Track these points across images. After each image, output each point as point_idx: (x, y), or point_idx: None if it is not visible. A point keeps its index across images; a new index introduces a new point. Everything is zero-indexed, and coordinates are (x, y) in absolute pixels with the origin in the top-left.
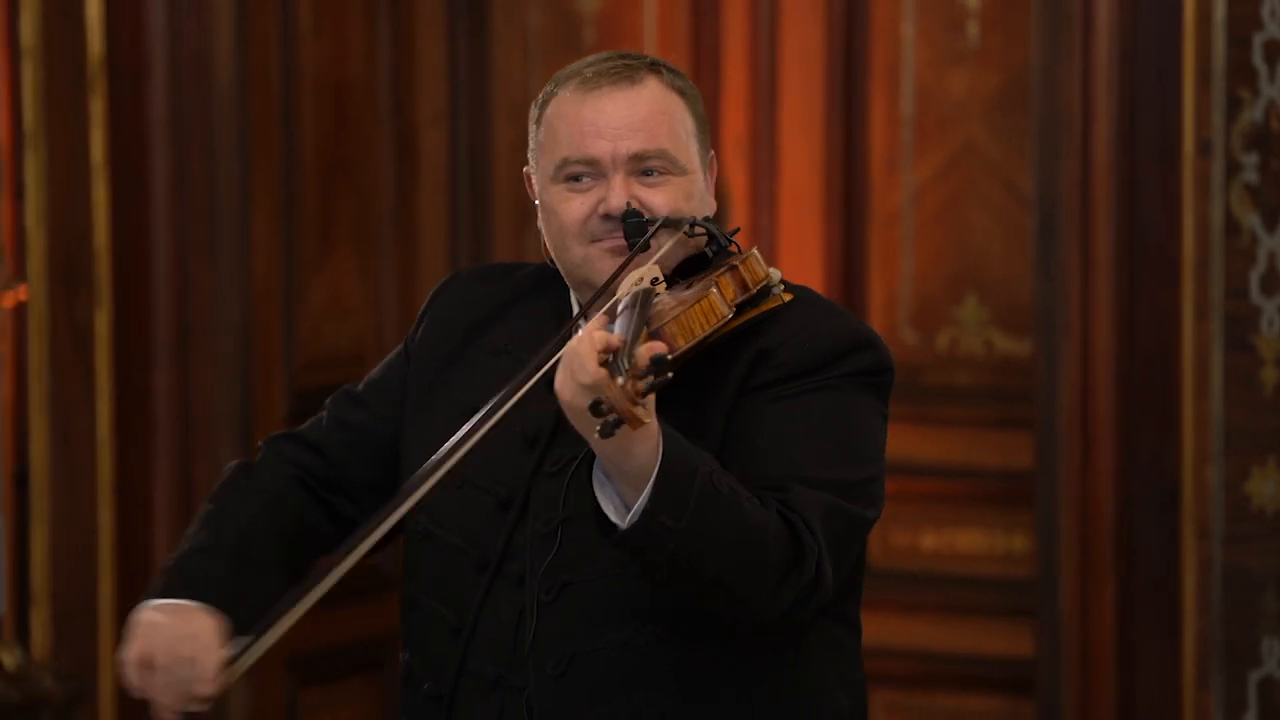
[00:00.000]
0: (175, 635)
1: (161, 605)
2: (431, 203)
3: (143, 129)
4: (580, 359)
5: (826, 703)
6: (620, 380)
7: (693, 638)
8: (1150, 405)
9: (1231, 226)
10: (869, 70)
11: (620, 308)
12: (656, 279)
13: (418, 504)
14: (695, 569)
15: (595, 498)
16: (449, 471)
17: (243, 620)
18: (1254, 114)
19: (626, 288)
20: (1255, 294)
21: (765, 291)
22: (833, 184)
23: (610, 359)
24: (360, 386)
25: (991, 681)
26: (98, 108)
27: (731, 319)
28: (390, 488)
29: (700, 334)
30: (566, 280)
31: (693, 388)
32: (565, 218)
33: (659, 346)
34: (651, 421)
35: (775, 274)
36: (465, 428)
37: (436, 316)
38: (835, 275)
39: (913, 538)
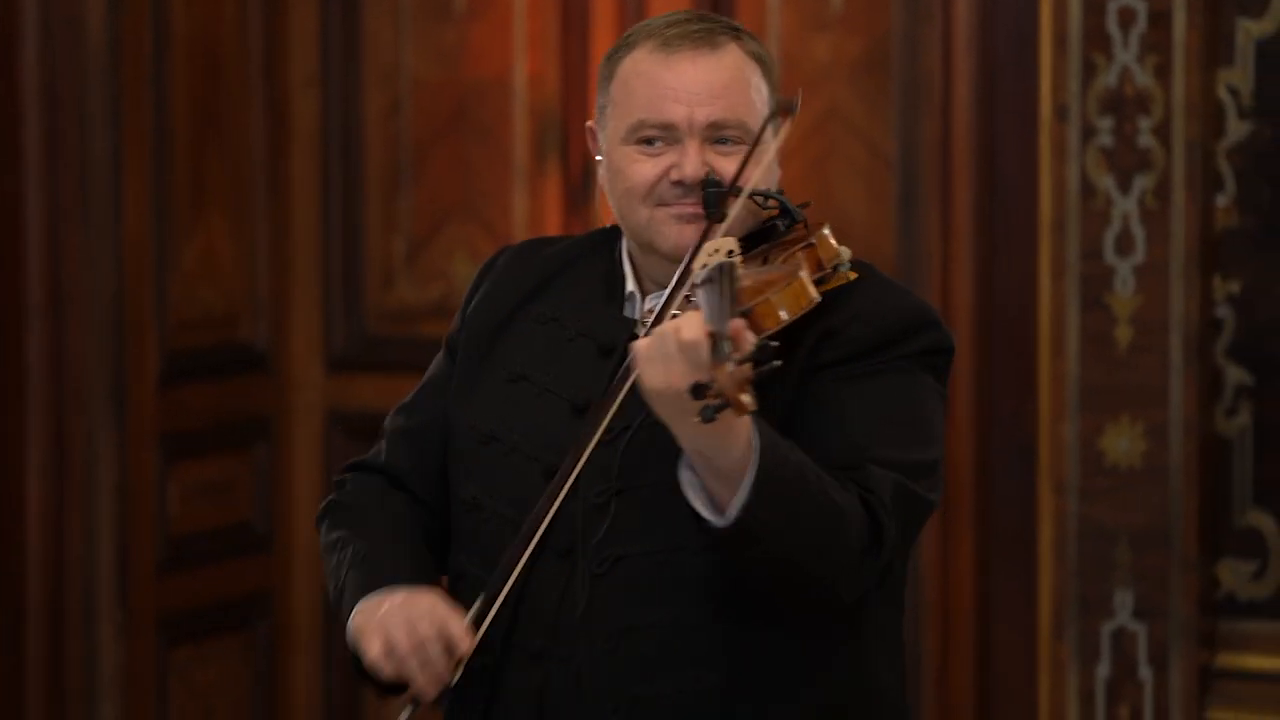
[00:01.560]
0: (409, 617)
1: (372, 599)
2: (303, 166)
3: (14, 93)
4: (685, 341)
5: (871, 681)
6: (728, 366)
7: (745, 615)
8: (1008, 363)
9: (1087, 189)
10: None
11: (701, 282)
12: (732, 251)
13: (470, 476)
14: (788, 558)
15: (690, 502)
16: (493, 442)
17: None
18: (1108, 79)
19: (703, 257)
20: (1110, 255)
21: (835, 270)
22: None
23: (715, 343)
24: (409, 398)
25: None
26: None
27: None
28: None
29: (790, 317)
30: (631, 238)
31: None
32: (634, 179)
33: (752, 333)
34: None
35: (845, 252)
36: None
37: (487, 291)
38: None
39: None
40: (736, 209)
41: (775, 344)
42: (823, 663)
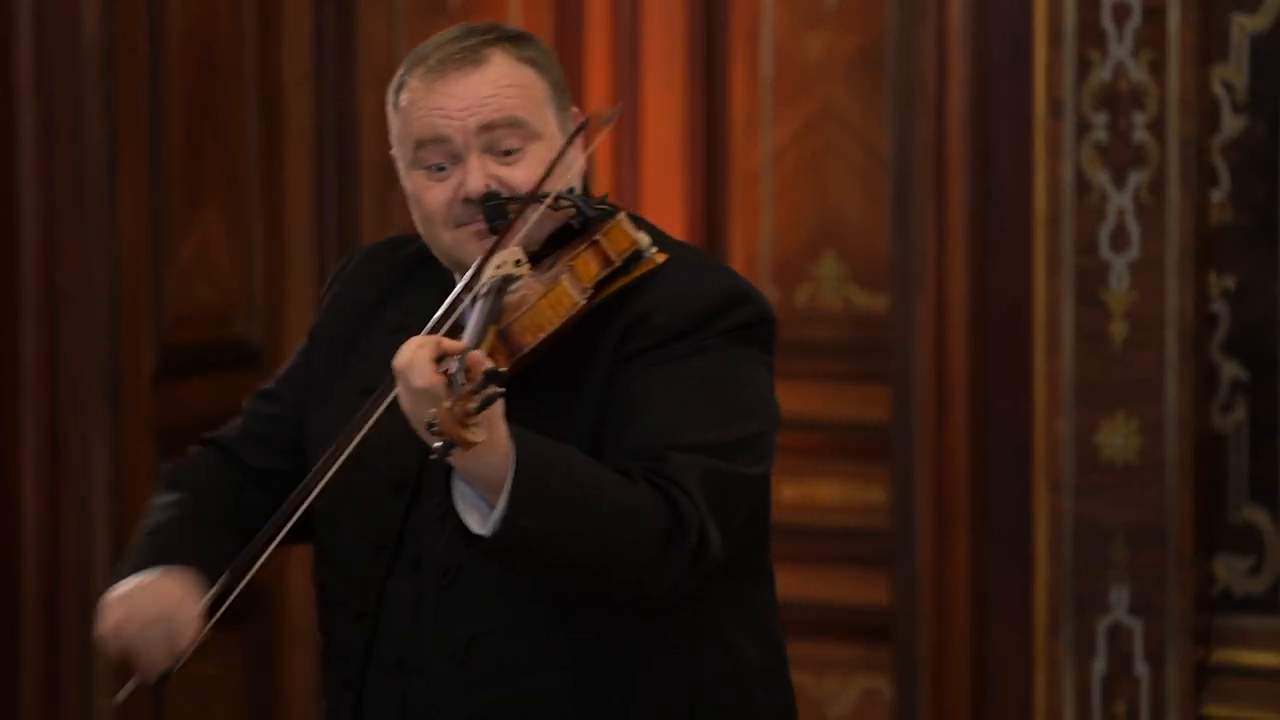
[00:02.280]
0: (145, 597)
1: (132, 578)
2: (298, 162)
3: (9, 89)
4: (413, 381)
5: (732, 656)
6: (449, 402)
7: (587, 615)
8: (1003, 359)
9: (1082, 185)
10: (729, 33)
11: (476, 299)
12: (519, 261)
13: (320, 492)
14: (568, 564)
15: (457, 510)
16: (340, 465)
17: (212, 572)
18: (1103, 74)
19: (489, 270)
20: (1105, 250)
21: (636, 257)
22: (694, 144)
23: (449, 370)
24: (273, 382)
25: (849, 630)
26: None
27: (594, 297)
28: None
29: (551, 327)
30: (443, 261)
31: (565, 363)
32: (428, 206)
33: (484, 359)
34: (490, 432)
35: (644, 239)
36: (348, 431)
37: (336, 299)
38: (697, 233)
39: (772, 489)
40: (533, 216)
41: (502, 370)
42: (673, 648)
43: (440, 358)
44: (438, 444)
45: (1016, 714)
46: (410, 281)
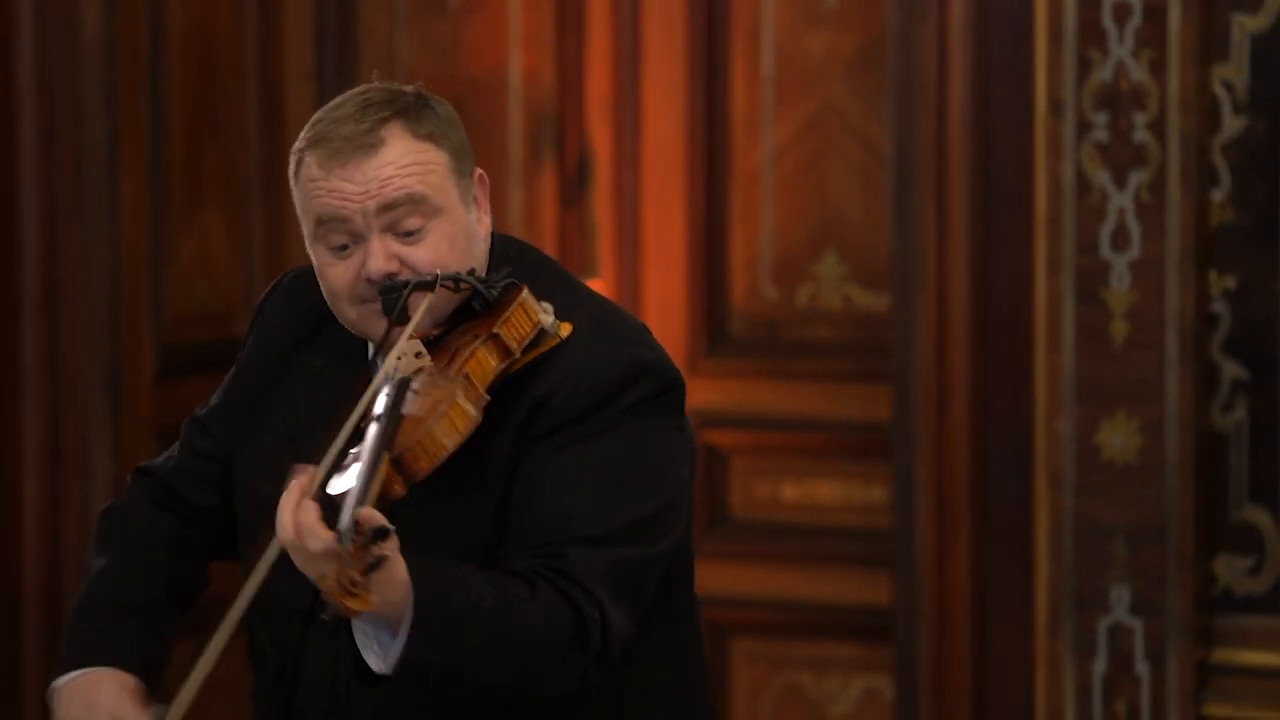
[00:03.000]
0: (86, 709)
1: (68, 681)
2: None
3: (10, 87)
4: (307, 538)
5: (659, 705)
6: (333, 572)
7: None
8: (1004, 358)
9: (1082, 184)
10: (730, 31)
11: (374, 418)
12: (419, 352)
13: (249, 539)
14: (471, 685)
15: (357, 648)
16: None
17: (151, 669)
18: (1104, 74)
19: (390, 361)
20: (1105, 250)
21: (540, 336)
22: (695, 143)
23: (339, 527)
24: (207, 411)
25: (850, 629)
26: None
27: (492, 394)
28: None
29: (446, 452)
30: (348, 328)
31: (470, 451)
32: (332, 283)
33: (372, 516)
34: (389, 573)
35: (547, 317)
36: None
37: (260, 335)
38: (697, 233)
39: (773, 489)
40: (425, 305)
41: (388, 527)
42: (604, 703)
43: (326, 507)
44: (325, 610)
45: (1017, 713)
46: (333, 321)
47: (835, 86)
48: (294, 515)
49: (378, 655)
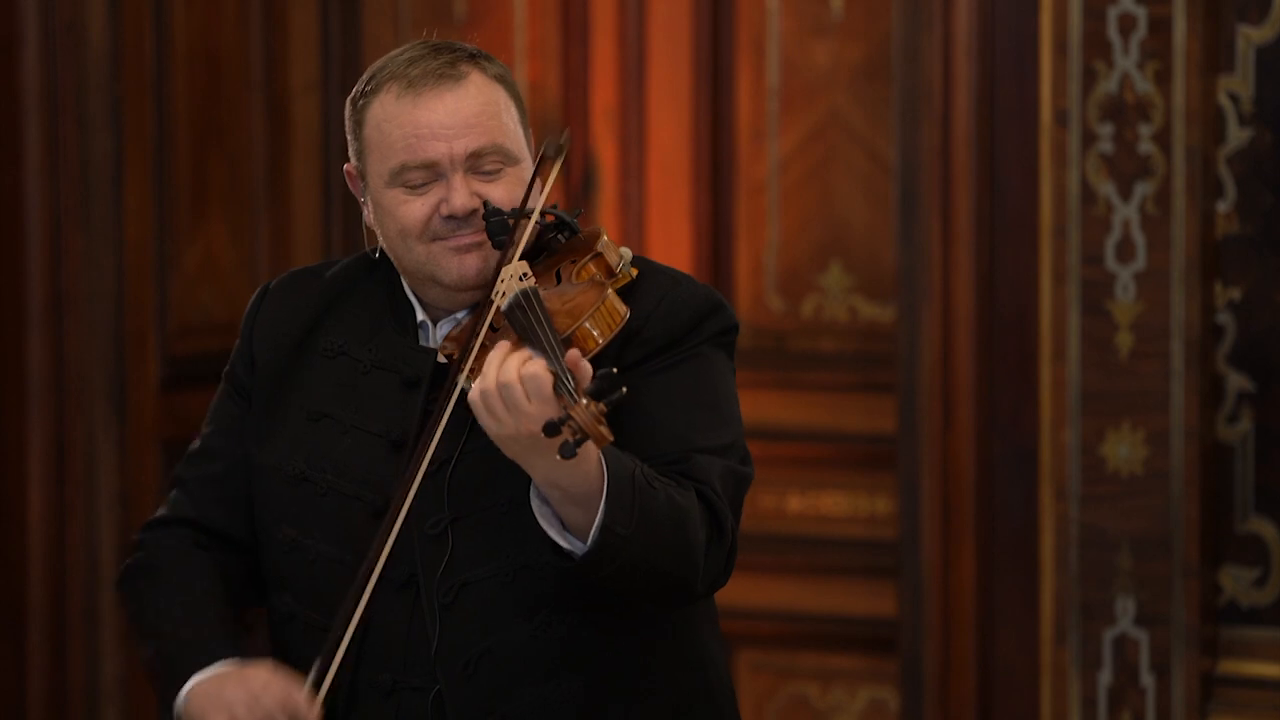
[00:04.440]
0: (250, 693)
1: (202, 681)
2: (304, 170)
3: (15, 98)
4: (530, 388)
5: (709, 661)
6: (582, 401)
7: (592, 623)
8: (1009, 369)
9: (1088, 195)
10: (735, 42)
11: (508, 310)
12: (526, 273)
13: (284, 518)
14: (644, 568)
15: (545, 533)
16: (302, 483)
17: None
18: (1109, 85)
19: (499, 285)
20: (1110, 261)
21: (621, 271)
22: (700, 154)
23: (556, 380)
24: (203, 443)
25: (855, 640)
26: None
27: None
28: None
29: (605, 339)
30: (409, 274)
31: None
32: (406, 220)
33: (586, 363)
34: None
35: (626, 253)
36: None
37: (260, 335)
38: (703, 243)
39: (779, 500)
40: (527, 234)
41: (615, 371)
42: (671, 651)
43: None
44: (569, 441)
45: None
46: (340, 304)
47: (840, 97)
48: (513, 365)
49: (563, 536)
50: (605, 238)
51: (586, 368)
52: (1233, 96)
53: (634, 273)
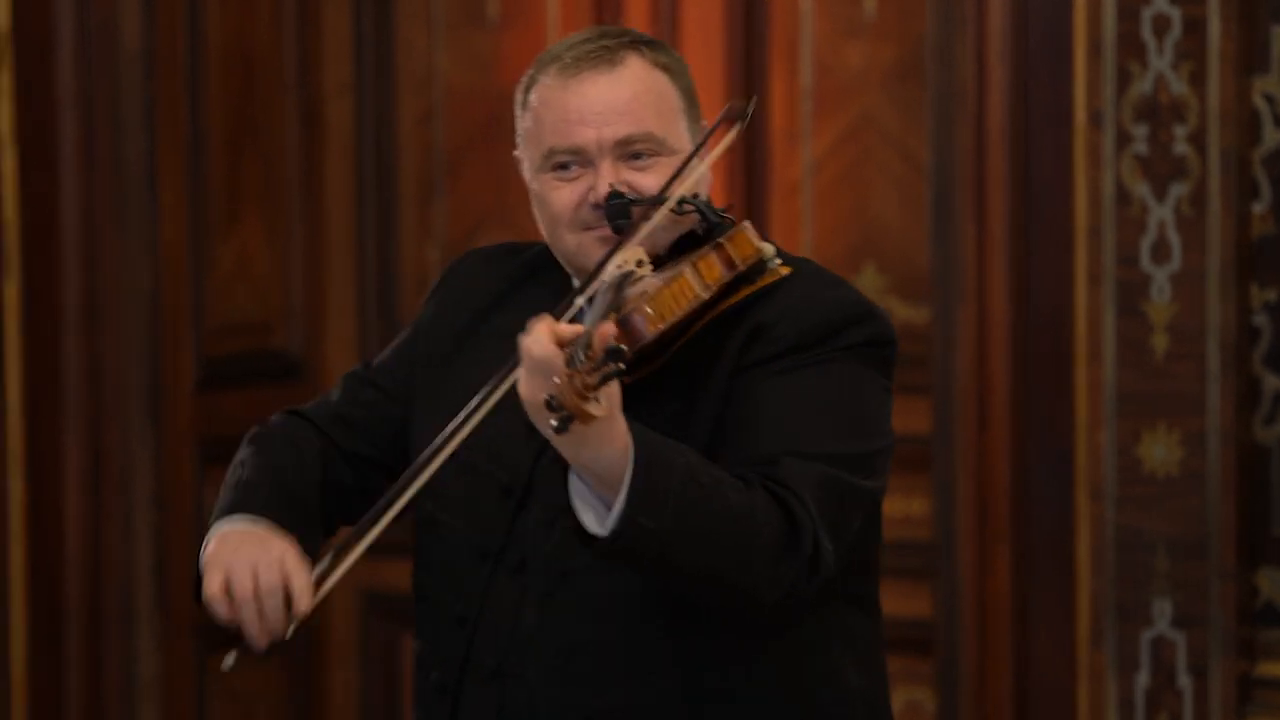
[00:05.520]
0: (256, 562)
1: (235, 530)
2: (337, 171)
3: (50, 100)
4: (535, 356)
5: (836, 684)
6: (570, 374)
7: (693, 623)
8: (1044, 370)
9: (1122, 196)
10: (768, 44)
11: (597, 294)
12: (641, 261)
13: (426, 492)
14: (683, 565)
15: (574, 508)
16: (449, 457)
17: (306, 542)
18: (1143, 86)
19: (611, 270)
20: (1146, 262)
21: (760, 268)
22: (734, 155)
23: (569, 351)
24: (370, 367)
25: (891, 642)
26: (5, 80)
27: (718, 298)
28: (390, 467)
29: (673, 317)
30: (564, 263)
31: (687, 371)
32: (555, 207)
33: (609, 336)
34: (610, 418)
35: (769, 249)
36: (460, 416)
37: (447, 297)
38: None
39: None
40: (657, 218)
41: (622, 348)
42: (777, 666)
43: (563, 342)
44: (554, 420)
45: None
46: (524, 288)
47: (874, 98)
48: (537, 325)
49: (595, 523)
50: (740, 231)
51: (603, 345)
52: (1268, 98)
53: (784, 271)
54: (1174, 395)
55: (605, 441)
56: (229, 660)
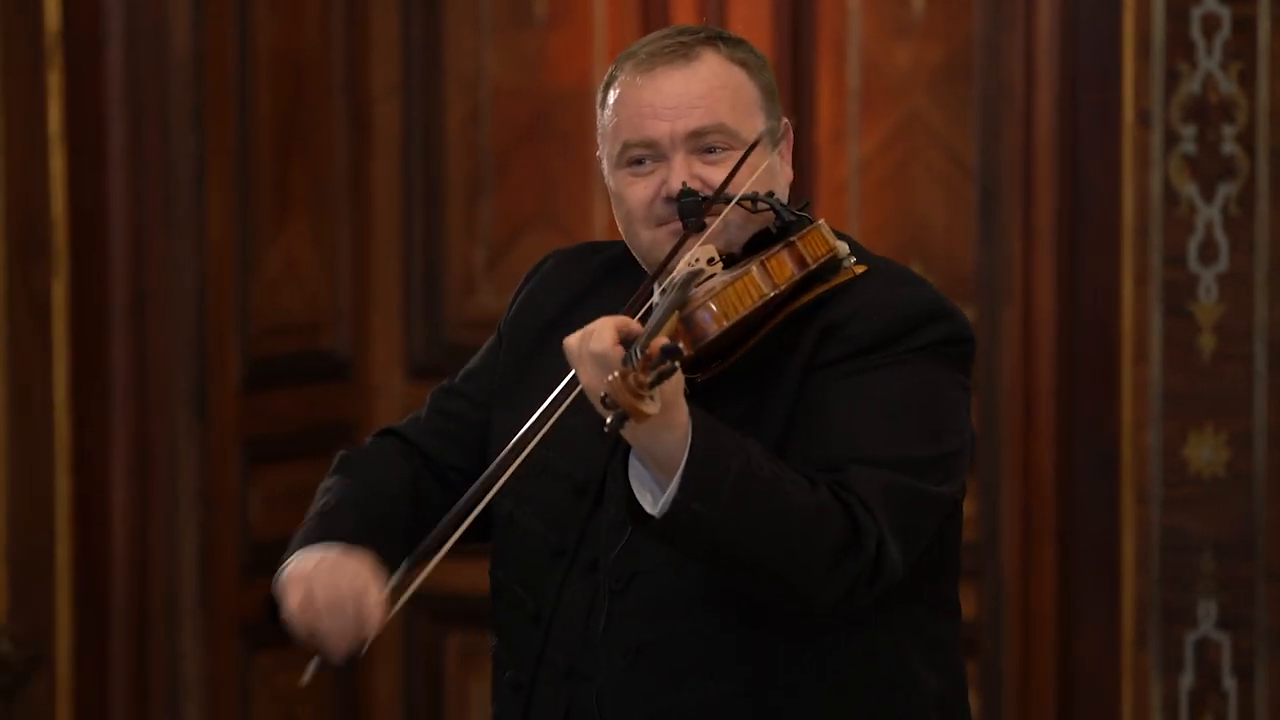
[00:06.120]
0: (334, 576)
1: (310, 552)
2: (385, 173)
3: (99, 101)
4: (593, 351)
5: (909, 685)
6: (625, 371)
7: (761, 624)
8: (1090, 370)
9: (1170, 196)
10: (816, 43)
11: (664, 292)
12: (712, 259)
13: (506, 490)
14: (736, 556)
15: (629, 486)
16: (524, 460)
17: (388, 559)
18: (1192, 86)
19: (681, 267)
20: (1193, 262)
21: (834, 266)
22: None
23: (628, 349)
24: (458, 378)
25: None
26: (55, 80)
27: (789, 296)
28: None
29: (738, 315)
30: (641, 260)
31: (760, 369)
32: (630, 202)
33: (663, 338)
34: (667, 411)
35: (843, 247)
36: (534, 416)
37: (528, 298)
38: None
39: None
40: (726, 213)
41: (679, 346)
42: (847, 668)
43: (625, 338)
44: (610, 416)
45: None
46: (603, 288)
47: (921, 98)
48: (599, 321)
49: (652, 505)
50: (814, 229)
51: (660, 344)
52: None
53: (858, 270)
54: (1221, 396)
55: (664, 429)
56: (307, 676)
